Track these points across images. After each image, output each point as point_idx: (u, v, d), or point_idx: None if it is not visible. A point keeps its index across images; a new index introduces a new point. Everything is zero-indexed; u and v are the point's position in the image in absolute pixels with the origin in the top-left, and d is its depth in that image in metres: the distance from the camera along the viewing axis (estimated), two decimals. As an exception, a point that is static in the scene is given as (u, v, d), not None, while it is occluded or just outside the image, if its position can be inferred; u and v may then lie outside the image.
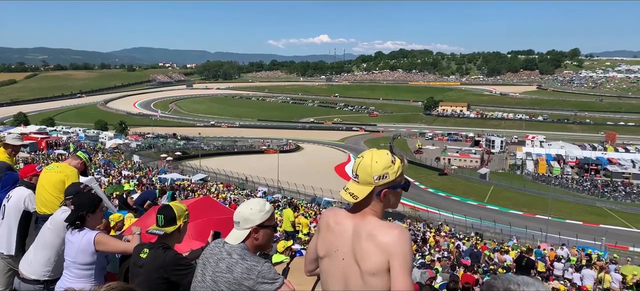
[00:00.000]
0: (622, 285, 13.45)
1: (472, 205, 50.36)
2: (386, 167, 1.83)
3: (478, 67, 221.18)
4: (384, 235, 1.74)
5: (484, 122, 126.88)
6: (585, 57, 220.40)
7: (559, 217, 44.77)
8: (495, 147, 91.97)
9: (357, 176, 1.86)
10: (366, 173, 1.83)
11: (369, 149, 1.95)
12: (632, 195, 60.51)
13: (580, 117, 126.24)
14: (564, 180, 69.22)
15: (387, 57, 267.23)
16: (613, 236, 35.62)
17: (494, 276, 1.61)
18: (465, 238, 24.45)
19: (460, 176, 68.86)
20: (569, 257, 18.84)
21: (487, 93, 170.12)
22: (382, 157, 1.85)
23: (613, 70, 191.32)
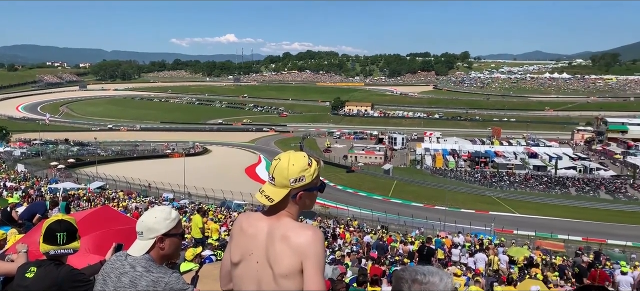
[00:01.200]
0: (508, 265, 14.98)
1: (377, 200, 52.77)
2: (303, 169, 1.82)
3: (380, 69, 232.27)
4: (297, 237, 1.74)
5: (386, 121, 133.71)
6: (474, 60, 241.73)
7: (455, 206, 48.62)
8: (397, 144, 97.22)
9: (274, 178, 1.83)
10: (283, 176, 1.81)
11: (285, 151, 1.94)
12: (515, 184, 67.68)
13: (470, 115, 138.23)
14: (459, 172, 75.23)
15: (295, 57, 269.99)
16: (500, 222, 39.52)
17: (402, 268, 1.71)
18: (372, 231, 25.51)
19: (367, 172, 71.78)
20: (464, 243, 20.54)
21: (389, 94, 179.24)
22: (299, 159, 1.83)
23: (497, 71, 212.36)
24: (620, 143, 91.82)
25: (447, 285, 1.40)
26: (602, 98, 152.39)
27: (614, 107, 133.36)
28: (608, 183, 65.84)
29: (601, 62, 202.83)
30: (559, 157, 78.56)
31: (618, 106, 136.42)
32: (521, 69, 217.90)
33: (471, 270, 12.98)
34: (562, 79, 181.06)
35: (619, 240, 35.41)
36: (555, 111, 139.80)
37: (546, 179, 69.16)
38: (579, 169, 73.66)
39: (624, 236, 37.08)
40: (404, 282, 1.46)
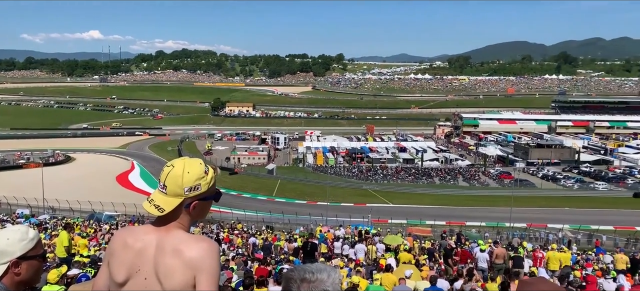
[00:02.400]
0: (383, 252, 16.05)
1: (262, 200, 52.73)
2: (199, 177, 1.70)
3: (260, 69, 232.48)
4: (190, 250, 1.62)
5: (268, 121, 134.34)
6: (349, 61, 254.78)
7: (335, 201, 50.67)
8: (280, 143, 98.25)
9: (165, 187, 1.69)
10: (176, 184, 1.67)
11: (180, 158, 1.79)
12: (388, 177, 72.93)
13: (347, 114, 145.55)
14: (338, 168, 78.59)
15: (170, 56, 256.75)
16: (377, 213, 42.28)
17: (290, 268, 1.70)
18: (257, 232, 25.42)
19: (250, 174, 71.26)
20: (345, 236, 21.53)
21: (270, 94, 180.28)
22: (195, 167, 1.71)
23: (369, 72, 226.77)
24: (473, 136, 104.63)
25: (334, 280, 1.43)
26: (458, 96, 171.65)
27: (468, 104, 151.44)
28: (465, 171, 74.47)
29: (456, 64, 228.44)
30: (424, 150, 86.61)
31: (471, 103, 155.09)
32: (390, 70, 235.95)
33: (352, 261, 13.65)
34: (424, 80, 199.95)
35: (475, 222, 40.22)
36: (420, 109, 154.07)
37: (414, 171, 75.70)
38: (441, 160, 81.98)
39: (479, 217, 42.20)
40: (293, 282, 1.46)
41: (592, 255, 19.44)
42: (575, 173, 70.24)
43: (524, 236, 32.73)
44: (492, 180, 69.04)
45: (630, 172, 68.58)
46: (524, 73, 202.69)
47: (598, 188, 60.72)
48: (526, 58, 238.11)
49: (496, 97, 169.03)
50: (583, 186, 62.55)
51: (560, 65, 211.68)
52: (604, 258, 17.19)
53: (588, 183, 63.68)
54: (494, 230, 36.23)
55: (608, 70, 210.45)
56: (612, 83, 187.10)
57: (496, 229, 36.50)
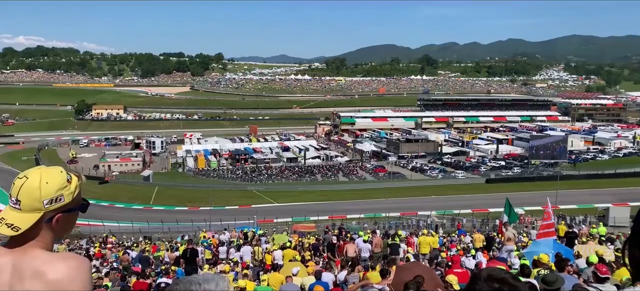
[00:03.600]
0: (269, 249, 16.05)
1: (138, 210, 49.23)
2: (60, 187, 1.49)
3: (132, 69, 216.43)
4: (55, 271, 1.41)
5: (142, 124, 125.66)
6: (229, 61, 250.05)
7: (219, 205, 49.41)
8: (156, 147, 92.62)
9: (19, 201, 1.46)
10: (33, 197, 1.46)
11: (35, 167, 1.53)
12: (273, 176, 73.30)
13: (228, 114, 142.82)
14: (221, 171, 76.71)
15: (22, 54, 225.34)
16: (262, 213, 42.16)
17: (175, 281, 1.54)
18: (134, 244, 23.64)
19: (123, 181, 66.06)
20: (231, 239, 21.08)
21: (143, 95, 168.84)
22: (55, 176, 1.50)
23: (250, 73, 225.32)
24: (351, 133, 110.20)
25: (223, 289, 1.38)
26: (335, 96, 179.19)
27: (345, 104, 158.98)
28: (344, 167, 78.07)
29: (333, 65, 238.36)
30: (307, 148, 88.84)
31: (347, 103, 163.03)
32: (271, 70, 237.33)
33: (239, 264, 13.40)
34: (304, 80, 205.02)
35: (355, 214, 42.37)
36: (301, 108, 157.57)
37: (298, 169, 77.21)
38: (322, 158, 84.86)
39: (358, 210, 44.55)
40: None
41: (455, 236, 21.69)
42: (439, 164, 77.93)
43: (398, 225, 35.36)
44: (368, 174, 73.40)
45: (482, 161, 78.28)
46: (393, 74, 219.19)
47: (458, 177, 68.20)
48: (395, 60, 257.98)
49: (370, 96, 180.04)
50: (445, 175, 69.73)
51: (424, 67, 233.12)
52: (464, 239, 19.31)
53: (449, 173, 71.16)
54: (372, 220, 38.53)
55: (462, 71, 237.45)
56: (466, 83, 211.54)
57: (374, 220, 38.85)
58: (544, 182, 55.21)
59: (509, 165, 74.28)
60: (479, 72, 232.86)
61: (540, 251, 8.64)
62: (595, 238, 13.57)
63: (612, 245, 12.27)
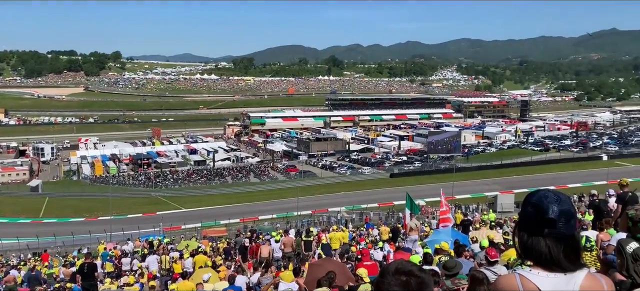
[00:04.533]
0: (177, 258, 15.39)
1: (25, 224, 44.28)
2: None
3: (13, 68, 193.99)
4: None
5: (28, 129, 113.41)
6: (127, 60, 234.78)
7: (121, 213, 46.24)
8: (45, 154, 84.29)
9: None
10: None
11: None
12: (179, 181, 70.33)
13: (128, 116, 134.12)
14: (121, 177, 71.94)
15: None
16: (169, 220, 40.24)
17: None
18: (22, 263, 21.24)
19: (7, 193, 59.08)
20: (135, 249, 19.83)
21: (28, 97, 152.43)
22: None
23: (151, 72, 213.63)
24: (261, 133, 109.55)
25: None
26: (244, 96, 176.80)
27: (254, 104, 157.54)
28: (255, 168, 77.39)
29: (241, 65, 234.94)
30: (216, 150, 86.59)
31: (257, 103, 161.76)
32: (174, 70, 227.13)
33: (144, 275, 12.66)
34: (211, 80, 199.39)
35: (267, 215, 42.21)
36: (208, 109, 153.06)
37: (206, 172, 74.94)
38: (232, 159, 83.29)
39: (270, 210, 44.43)
40: None
41: (363, 230, 22.54)
42: (347, 161, 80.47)
43: (310, 222, 35.88)
44: (280, 174, 73.55)
45: (386, 157, 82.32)
46: (302, 74, 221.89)
47: (364, 173, 70.99)
48: (302, 60, 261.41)
49: (279, 96, 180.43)
50: (353, 172, 72.20)
51: (330, 68, 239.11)
52: (372, 232, 20.15)
53: (357, 169, 73.79)
54: (285, 220, 38.66)
55: (366, 72, 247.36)
56: (370, 83, 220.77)
57: (286, 219, 39.02)
58: (442, 175, 59.50)
59: (411, 159, 78.98)
60: (382, 72, 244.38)
61: (440, 240, 9.29)
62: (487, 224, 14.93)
63: (501, 229, 13.57)
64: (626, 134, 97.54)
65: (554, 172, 59.03)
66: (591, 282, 1.56)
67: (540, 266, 1.60)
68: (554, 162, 66.03)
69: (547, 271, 1.58)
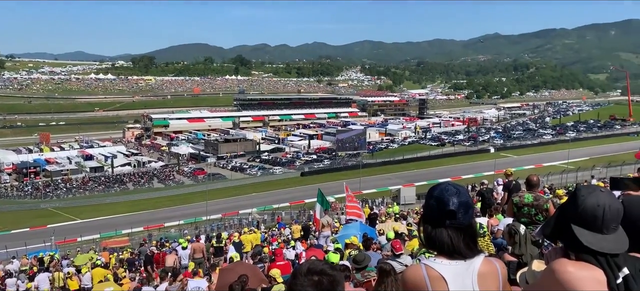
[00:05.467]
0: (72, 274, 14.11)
1: None
2: None
3: None
4: None
5: None
6: (7, 58, 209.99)
7: (4, 229, 41.34)
8: None
9: None
10: None
11: None
12: (73, 190, 64.53)
13: (10, 121, 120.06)
14: (4, 188, 64.38)
15: None
16: (62, 233, 36.73)
17: None
18: None
19: None
20: (22, 268, 17.83)
21: None
22: None
23: (37, 71, 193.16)
24: (165, 136, 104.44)
25: None
26: (145, 97, 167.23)
27: (156, 105, 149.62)
28: (159, 173, 73.58)
29: (140, 64, 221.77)
30: (114, 155, 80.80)
31: (159, 104, 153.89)
32: (65, 69, 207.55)
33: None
34: (107, 80, 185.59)
35: (174, 221, 40.38)
36: (105, 111, 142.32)
37: (104, 179, 69.72)
38: (133, 164, 78.40)
39: (177, 216, 42.57)
40: None
41: (276, 230, 22.53)
42: (258, 161, 79.87)
43: (220, 226, 35.04)
44: (186, 178, 70.80)
45: (297, 156, 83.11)
46: (208, 74, 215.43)
47: (275, 172, 71.00)
48: (208, 59, 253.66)
49: (184, 96, 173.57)
50: (264, 172, 71.86)
51: (238, 67, 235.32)
52: (284, 232, 20.21)
53: (268, 169, 73.55)
54: (193, 226, 37.32)
55: (274, 72, 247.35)
56: (279, 83, 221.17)
57: (195, 224, 37.70)
58: (350, 171, 61.58)
59: (320, 158, 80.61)
60: (290, 72, 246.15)
61: (350, 234, 9.57)
62: (392, 216, 15.69)
63: (404, 220, 14.36)
64: (509, 128, 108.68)
65: (449, 164, 64.04)
66: (487, 266, 1.70)
67: (443, 255, 1.71)
68: (449, 156, 71.61)
69: (450, 259, 1.70)
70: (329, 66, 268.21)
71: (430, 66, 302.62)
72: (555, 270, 1.53)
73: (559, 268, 1.52)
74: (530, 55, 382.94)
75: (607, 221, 1.52)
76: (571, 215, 1.56)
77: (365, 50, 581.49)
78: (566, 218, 1.58)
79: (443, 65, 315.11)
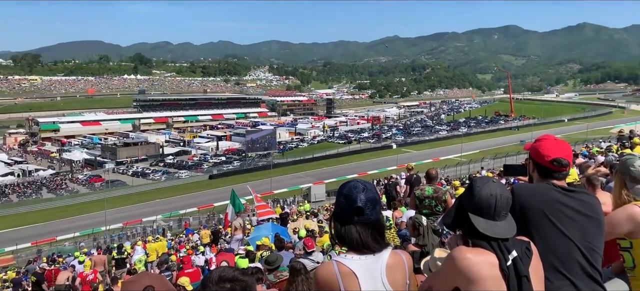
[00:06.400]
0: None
1: None
2: None
3: None
4: None
5: None
6: None
7: None
8: None
9: None
10: None
11: None
12: (-59, 206, 56.21)
13: None
14: None
15: None
16: None
17: None
18: None
19: None
20: None
21: None
22: None
23: None
24: (55, 141, 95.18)
25: None
26: (30, 99, 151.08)
27: (44, 107, 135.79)
28: (49, 182, 66.85)
29: (23, 62, 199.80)
30: (-7, 164, 71.92)
31: (47, 106, 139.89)
32: None
33: None
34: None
35: (68, 234, 36.97)
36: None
37: (-19, 192, 61.75)
38: (17, 174, 70.51)
39: (72, 228, 39.07)
40: None
41: (183, 237, 21.66)
42: (162, 166, 76.04)
43: (122, 236, 32.82)
44: (81, 186, 65.20)
45: (204, 159, 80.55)
46: (103, 73, 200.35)
47: (181, 176, 68.14)
48: (104, 58, 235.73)
49: (76, 98, 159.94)
50: (169, 176, 68.61)
51: (137, 66, 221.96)
52: (193, 237, 19.50)
53: (173, 173, 70.35)
54: (91, 237, 34.54)
55: (178, 71, 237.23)
56: (183, 82, 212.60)
57: (93, 236, 34.92)
58: (260, 171, 61.16)
59: (229, 159, 78.97)
60: (195, 72, 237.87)
61: (262, 235, 9.50)
62: (303, 214, 15.86)
63: (315, 218, 14.60)
64: (409, 126, 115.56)
65: (356, 161, 66.45)
66: (394, 258, 1.78)
67: (353, 251, 1.75)
68: (356, 153, 74.32)
69: (360, 254, 1.74)
70: (236, 65, 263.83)
71: (336, 67, 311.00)
72: (455, 257, 1.65)
73: (458, 256, 1.64)
74: (426, 57, 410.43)
75: (499, 209, 1.65)
76: (468, 205, 1.70)
77: (272, 50, 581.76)
78: (464, 208, 1.71)
79: (348, 66, 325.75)
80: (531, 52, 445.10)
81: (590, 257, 1.92)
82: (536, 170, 2.12)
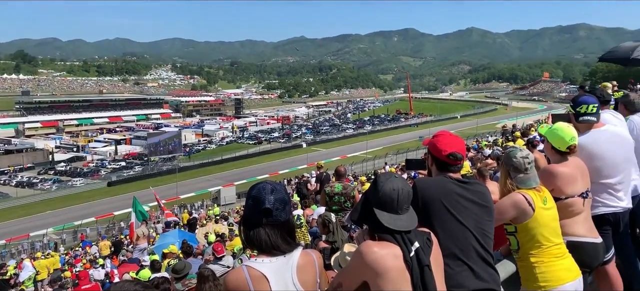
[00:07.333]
0: None
1: None
2: None
3: None
4: None
5: None
6: None
7: None
8: None
9: None
10: None
11: None
12: None
13: None
14: None
15: None
16: None
17: None
18: None
19: None
20: None
21: None
22: None
23: None
24: None
25: None
26: None
27: None
28: None
29: None
30: None
31: None
32: None
33: None
34: None
35: None
36: None
37: None
38: None
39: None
40: None
41: (79, 250, 19.94)
42: (52, 174, 69.33)
43: (5, 254, 29.40)
44: (-48, 201, 57.06)
45: (102, 164, 74.76)
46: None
47: (76, 185, 62.57)
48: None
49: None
50: (61, 185, 62.69)
51: (19, 65, 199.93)
52: (90, 250, 18.02)
53: (66, 182, 64.37)
54: (-35, 258, 30.33)
55: (69, 70, 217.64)
56: (75, 82, 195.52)
57: (-32, 257, 30.69)
58: (165, 176, 58.32)
59: (130, 164, 74.09)
60: (88, 71, 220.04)
61: (168, 243, 9.04)
62: (212, 218, 15.44)
63: (226, 221, 14.26)
64: (318, 125, 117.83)
65: (267, 161, 66.21)
66: (304, 258, 1.78)
67: (263, 254, 1.72)
68: (267, 153, 74.05)
69: (270, 256, 1.72)
70: (135, 64, 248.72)
71: (243, 66, 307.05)
72: (362, 252, 1.70)
73: (365, 250, 1.69)
74: (332, 58, 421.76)
75: (401, 202, 1.73)
76: (373, 200, 1.75)
77: (175, 49, 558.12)
78: (369, 203, 1.76)
79: (256, 65, 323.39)
80: (427, 54, 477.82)
81: (484, 243, 2.09)
82: (434, 164, 2.26)
